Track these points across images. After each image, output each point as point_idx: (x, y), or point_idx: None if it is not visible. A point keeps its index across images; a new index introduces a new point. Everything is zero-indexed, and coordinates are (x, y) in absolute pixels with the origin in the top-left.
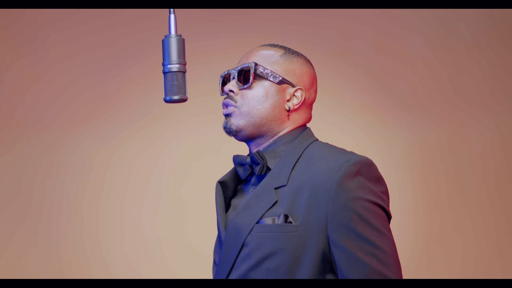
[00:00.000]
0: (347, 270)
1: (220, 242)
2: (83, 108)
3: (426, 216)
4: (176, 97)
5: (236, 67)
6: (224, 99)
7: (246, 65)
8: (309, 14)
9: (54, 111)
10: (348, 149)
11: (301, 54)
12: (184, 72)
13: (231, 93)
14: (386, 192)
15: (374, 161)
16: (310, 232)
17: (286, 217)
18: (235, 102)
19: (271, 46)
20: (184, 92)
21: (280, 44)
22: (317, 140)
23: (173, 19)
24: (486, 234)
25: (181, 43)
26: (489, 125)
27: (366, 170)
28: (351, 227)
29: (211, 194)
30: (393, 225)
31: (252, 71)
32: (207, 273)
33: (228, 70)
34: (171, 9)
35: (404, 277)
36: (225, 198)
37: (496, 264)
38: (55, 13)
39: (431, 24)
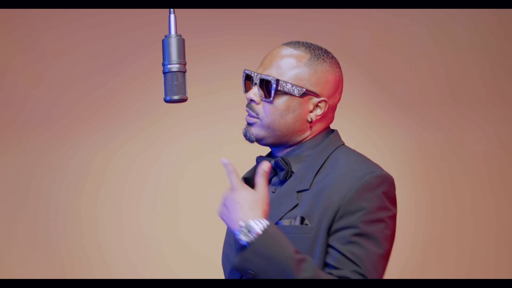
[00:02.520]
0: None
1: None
2: (83, 110)
3: (428, 216)
4: (176, 97)
5: (259, 74)
6: (246, 105)
7: (268, 78)
8: (307, 13)
9: (53, 113)
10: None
11: (327, 57)
12: (184, 72)
13: (252, 103)
14: (394, 217)
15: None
16: (320, 234)
17: (302, 219)
18: (257, 114)
19: (295, 48)
20: (184, 92)
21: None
22: (344, 144)
23: (173, 19)
24: (485, 234)
25: (181, 43)
26: (488, 127)
27: (388, 187)
28: (352, 239)
29: (211, 195)
30: None
31: (274, 87)
32: (205, 272)
33: (251, 72)
34: (171, 9)
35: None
36: None
37: (494, 265)
38: (55, 16)
39: (430, 26)
